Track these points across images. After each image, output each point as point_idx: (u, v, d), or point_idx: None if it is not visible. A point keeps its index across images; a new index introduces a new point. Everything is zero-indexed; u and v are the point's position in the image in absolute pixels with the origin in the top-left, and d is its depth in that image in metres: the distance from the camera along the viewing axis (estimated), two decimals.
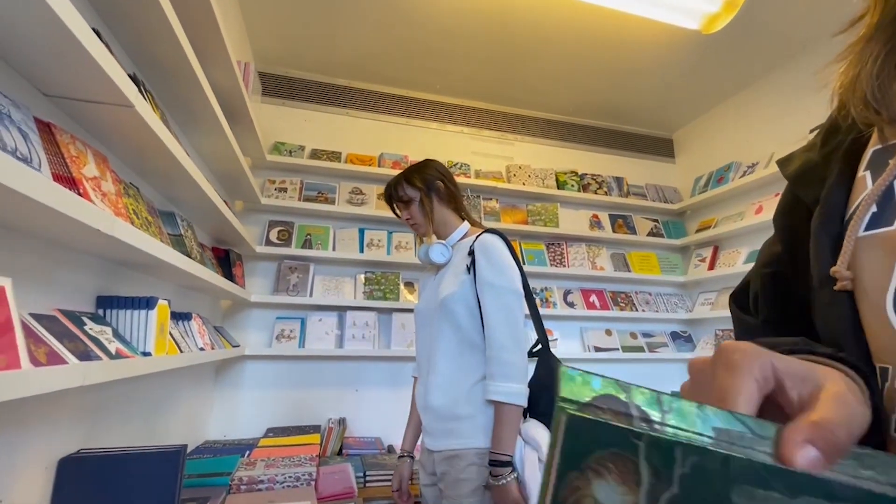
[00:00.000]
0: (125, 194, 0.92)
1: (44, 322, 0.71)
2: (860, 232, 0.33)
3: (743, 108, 2.56)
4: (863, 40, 0.35)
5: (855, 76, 0.35)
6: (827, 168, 0.39)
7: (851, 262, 0.33)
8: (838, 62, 0.37)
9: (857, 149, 0.38)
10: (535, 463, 0.96)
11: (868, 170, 0.35)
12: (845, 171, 0.37)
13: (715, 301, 2.52)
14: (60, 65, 0.68)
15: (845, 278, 0.33)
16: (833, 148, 0.39)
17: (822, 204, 0.37)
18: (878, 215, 0.32)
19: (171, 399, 1.48)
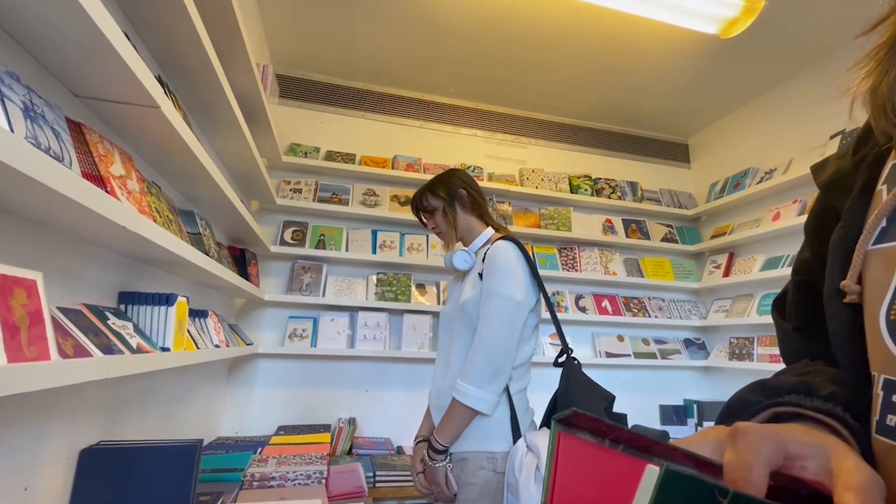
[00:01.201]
0: (148, 193, 0.94)
1: (70, 316, 0.73)
2: (869, 246, 0.34)
3: (761, 113, 2.53)
4: (885, 45, 0.34)
5: (876, 85, 0.34)
6: (856, 177, 0.39)
7: (861, 276, 0.34)
8: (859, 67, 0.36)
9: (882, 160, 0.37)
10: (531, 469, 0.96)
11: (885, 183, 0.35)
12: (868, 183, 0.37)
13: (730, 308, 2.49)
14: (91, 66, 0.70)
15: (853, 292, 0.34)
16: (863, 156, 0.39)
17: (844, 216, 0.38)
18: (886, 230, 0.33)
19: (186, 395, 1.50)
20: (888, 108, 0.33)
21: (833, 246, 0.37)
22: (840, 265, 0.36)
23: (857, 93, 0.37)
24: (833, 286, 0.36)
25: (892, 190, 0.33)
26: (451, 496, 1.09)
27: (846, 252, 0.35)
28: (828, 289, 0.37)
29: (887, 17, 0.35)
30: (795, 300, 0.48)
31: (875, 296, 0.32)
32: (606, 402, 1.15)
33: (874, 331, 0.32)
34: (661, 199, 2.84)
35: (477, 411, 1.06)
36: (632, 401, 2.52)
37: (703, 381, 2.68)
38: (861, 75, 0.36)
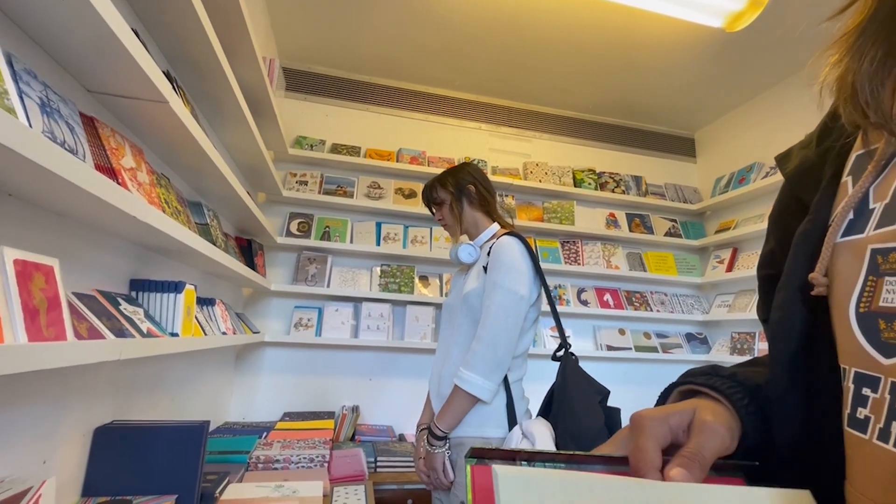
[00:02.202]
0: (158, 184, 0.98)
1: (84, 300, 0.77)
2: (837, 239, 0.34)
3: (767, 107, 2.51)
4: (855, 32, 0.33)
5: (846, 73, 0.33)
6: (823, 168, 0.39)
7: (828, 268, 0.34)
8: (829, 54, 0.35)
9: (848, 151, 0.37)
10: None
11: (850, 175, 0.35)
12: (836, 175, 0.37)
13: (732, 303, 2.49)
14: (103, 63, 0.74)
15: (821, 284, 0.34)
16: (829, 146, 0.39)
17: (812, 209, 0.38)
18: (854, 222, 0.33)
19: (194, 380, 1.56)
20: (860, 97, 0.32)
21: (798, 238, 0.37)
22: (805, 258, 0.36)
23: (827, 81, 0.36)
24: (791, 277, 0.37)
25: (858, 182, 0.33)
26: (447, 484, 1.12)
27: (812, 245, 0.36)
28: (783, 280, 0.38)
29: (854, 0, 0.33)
30: (763, 294, 0.48)
31: (844, 289, 0.32)
32: (601, 395, 1.18)
33: (844, 324, 0.32)
34: (665, 194, 2.83)
35: (478, 399, 1.09)
36: (632, 394, 2.53)
37: None
38: (830, 63, 0.35)
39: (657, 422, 0.34)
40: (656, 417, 0.34)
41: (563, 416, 1.07)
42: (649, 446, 0.32)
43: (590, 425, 1.02)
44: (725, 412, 0.36)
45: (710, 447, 0.32)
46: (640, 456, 0.32)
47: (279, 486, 1.15)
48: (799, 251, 0.37)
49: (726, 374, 0.40)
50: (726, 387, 0.37)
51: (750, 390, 0.37)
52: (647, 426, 0.33)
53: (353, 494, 1.29)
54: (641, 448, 0.33)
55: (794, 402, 0.35)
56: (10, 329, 0.53)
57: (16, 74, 0.58)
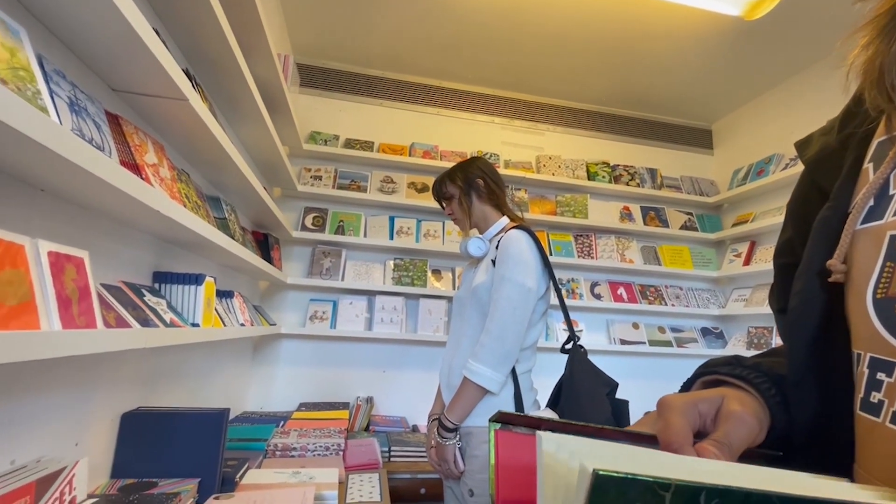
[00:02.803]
0: (178, 180, 1.01)
1: (112, 291, 0.80)
2: (857, 225, 0.34)
3: (787, 97, 2.45)
4: (887, 14, 0.32)
5: (874, 56, 0.33)
6: (844, 154, 0.38)
7: (847, 255, 0.34)
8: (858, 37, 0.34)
9: (870, 137, 0.37)
10: None
11: (871, 161, 0.35)
12: (857, 161, 0.37)
13: (749, 297, 2.45)
14: (127, 62, 0.76)
15: (839, 271, 0.34)
16: (851, 132, 0.38)
17: (833, 196, 0.37)
18: (874, 209, 0.33)
19: (214, 370, 1.61)
20: (886, 80, 0.32)
21: (818, 225, 0.37)
22: (825, 244, 0.36)
23: (855, 64, 0.35)
24: (810, 264, 0.37)
25: (879, 169, 0.33)
26: (457, 474, 1.15)
27: (832, 232, 0.35)
28: (802, 266, 0.38)
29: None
30: (779, 283, 0.48)
31: (862, 275, 0.32)
32: (609, 388, 1.18)
33: (860, 310, 0.32)
34: (681, 187, 2.79)
35: (486, 390, 1.11)
36: (646, 388, 2.53)
37: None
38: (860, 45, 0.34)
39: (687, 405, 0.34)
40: (686, 401, 0.34)
41: (569, 408, 1.08)
42: (681, 422, 0.32)
43: (595, 417, 1.03)
44: (753, 402, 0.36)
45: (739, 435, 0.32)
46: (671, 430, 0.32)
47: (296, 473, 1.18)
48: (818, 238, 0.37)
49: (750, 364, 0.40)
50: (753, 376, 0.38)
51: (775, 380, 0.38)
52: (678, 406, 0.33)
53: (367, 482, 1.32)
54: (672, 424, 0.32)
55: (810, 387, 0.36)
56: (46, 317, 0.56)
57: (47, 75, 0.61)
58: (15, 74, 0.51)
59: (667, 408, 0.34)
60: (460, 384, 1.14)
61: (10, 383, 0.67)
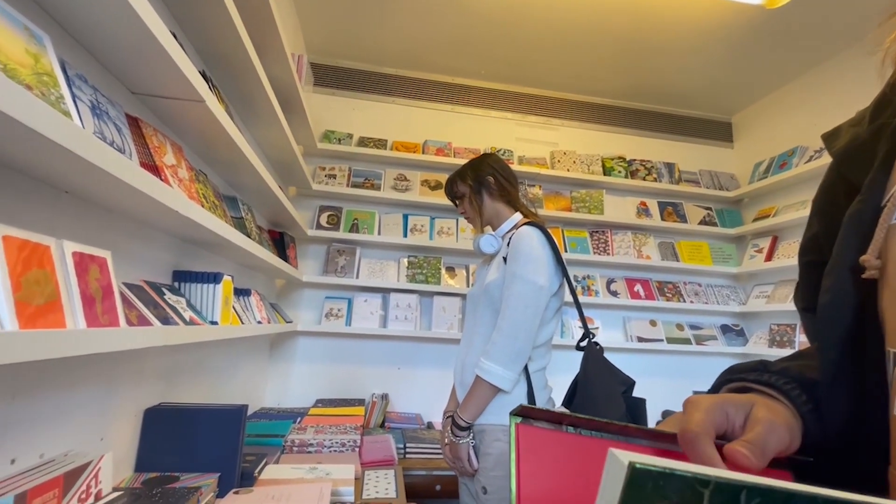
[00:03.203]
0: (196, 180, 1.03)
1: (134, 290, 0.82)
2: (892, 220, 0.32)
3: (812, 88, 2.37)
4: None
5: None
6: (875, 146, 0.37)
7: (882, 250, 0.33)
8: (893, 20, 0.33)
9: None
10: None
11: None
12: (890, 154, 0.35)
13: (771, 294, 2.39)
14: (145, 66, 0.78)
15: (874, 267, 0.33)
16: (884, 122, 0.37)
17: (864, 190, 0.36)
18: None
19: (232, 367, 1.63)
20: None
21: (848, 220, 0.36)
22: (857, 240, 0.35)
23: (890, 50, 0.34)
24: (841, 260, 0.35)
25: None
26: (472, 472, 1.14)
27: (864, 226, 0.34)
28: (833, 262, 0.36)
29: None
30: (805, 281, 0.46)
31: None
32: (625, 385, 1.16)
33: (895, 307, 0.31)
34: (700, 181, 2.73)
35: (499, 388, 1.10)
36: (664, 386, 2.49)
37: None
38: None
39: (715, 404, 0.32)
40: (714, 401, 0.33)
41: (584, 406, 1.07)
42: (703, 416, 0.31)
43: (610, 415, 1.01)
44: (784, 410, 0.35)
45: (771, 442, 0.31)
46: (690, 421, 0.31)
47: (313, 469, 1.20)
48: (850, 233, 0.36)
49: (778, 370, 0.38)
50: (782, 383, 0.36)
51: (806, 385, 0.36)
52: (703, 403, 0.32)
53: (383, 478, 1.33)
54: (693, 416, 0.31)
55: (843, 388, 0.34)
56: (71, 316, 0.58)
57: (69, 80, 0.62)
58: (39, 80, 0.53)
59: (691, 404, 0.33)
60: (473, 382, 1.14)
61: (38, 380, 0.69)
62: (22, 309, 0.50)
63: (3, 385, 0.62)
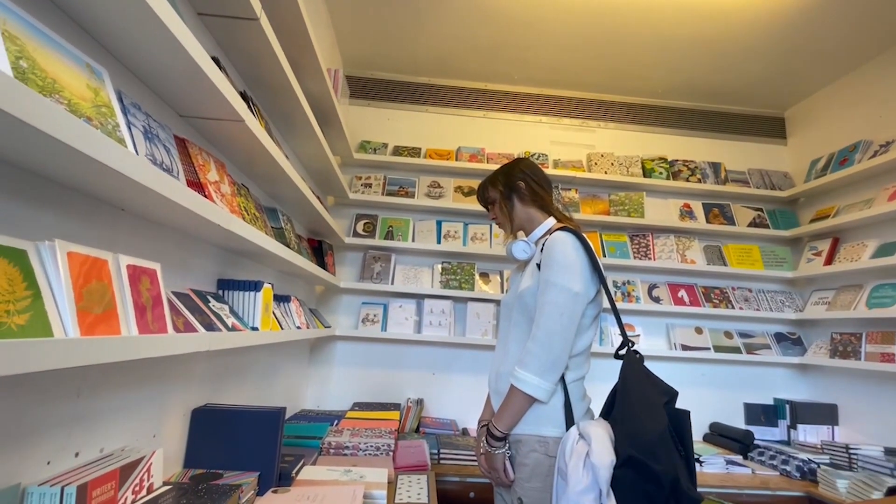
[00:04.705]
0: (238, 194, 1.10)
1: (181, 298, 0.89)
2: None
3: (875, 78, 2.19)
4: None
5: None
6: None
7: None
8: None
9: None
10: (581, 456, 0.97)
11: None
12: None
13: (832, 300, 2.22)
14: (191, 91, 0.84)
15: None
16: None
17: None
18: None
19: (274, 371, 1.71)
20: None
21: None
22: None
23: None
24: None
25: None
26: (508, 483, 1.13)
27: None
28: None
29: None
30: None
31: None
32: (668, 396, 1.11)
33: None
34: (749, 181, 2.59)
35: (534, 398, 1.09)
36: (712, 397, 2.37)
37: (799, 380, 2.43)
38: None
39: None
40: None
41: (622, 418, 1.03)
42: None
43: (651, 427, 0.97)
44: None
45: None
46: None
47: (348, 471, 1.23)
48: None
49: None
50: None
51: None
52: None
53: (416, 483, 1.35)
54: None
55: None
56: (125, 324, 0.63)
57: (125, 108, 0.69)
58: (98, 112, 0.59)
59: None
60: (507, 392, 1.12)
61: (99, 381, 0.76)
62: (83, 318, 0.56)
63: (69, 385, 0.69)
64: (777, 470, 1.88)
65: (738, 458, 2.00)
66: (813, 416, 2.21)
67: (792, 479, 1.81)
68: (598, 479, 0.93)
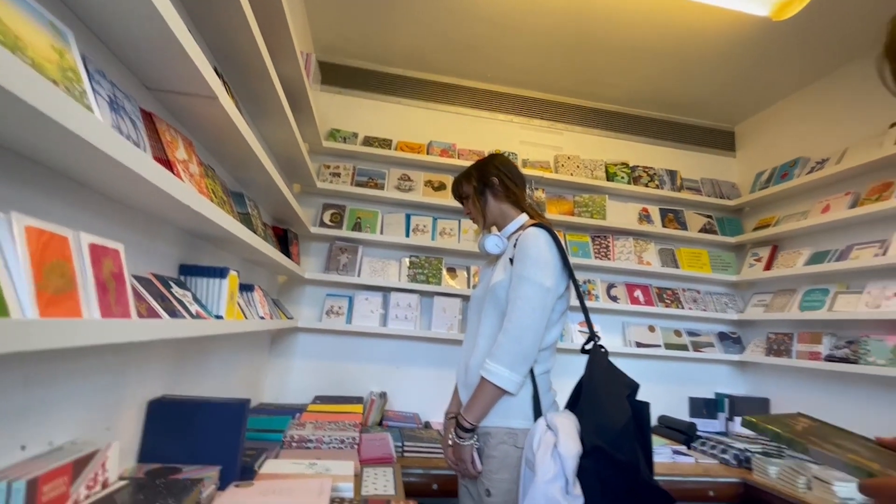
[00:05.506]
0: (206, 175, 1.04)
1: (143, 283, 0.83)
2: None
3: (815, 99, 2.39)
4: None
5: None
6: None
7: None
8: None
9: None
10: (549, 446, 1.00)
11: None
12: None
13: (770, 303, 2.41)
14: (161, 61, 0.79)
15: None
16: None
17: None
18: None
19: (233, 362, 1.64)
20: None
21: None
22: None
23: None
24: None
25: None
26: (475, 474, 1.15)
27: None
28: None
29: None
30: None
31: None
32: (630, 389, 1.16)
33: None
34: (701, 189, 2.75)
35: (504, 390, 1.11)
36: (661, 392, 2.51)
37: (737, 376, 2.62)
38: None
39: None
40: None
41: (588, 409, 1.08)
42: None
43: (616, 418, 1.02)
44: None
45: None
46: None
47: (313, 464, 1.21)
48: None
49: None
50: None
51: None
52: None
53: (381, 475, 1.35)
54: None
55: None
56: (87, 306, 0.59)
57: (90, 75, 0.64)
58: (64, 75, 0.54)
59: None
60: (478, 384, 1.14)
61: (48, 368, 0.70)
62: (41, 297, 0.51)
63: (16, 372, 0.63)
64: (717, 458, 2.03)
65: (683, 448, 2.13)
66: (748, 408, 2.39)
67: (729, 467, 1.96)
68: (564, 469, 0.97)
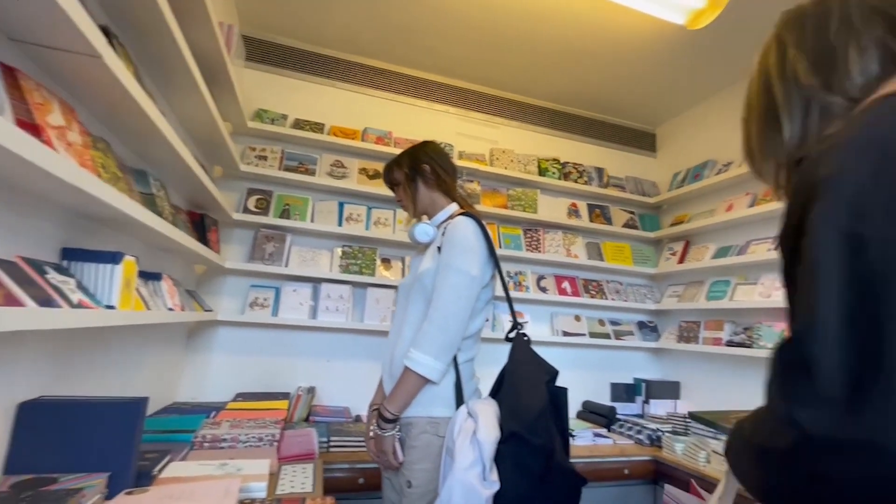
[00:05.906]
0: (93, 147, 0.92)
1: (3, 266, 0.72)
2: None
3: (725, 106, 2.61)
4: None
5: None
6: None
7: None
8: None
9: None
10: (469, 433, 1.01)
11: None
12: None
13: (682, 294, 2.61)
14: (26, 7, 0.68)
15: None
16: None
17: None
18: None
19: (139, 357, 1.49)
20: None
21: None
22: None
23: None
24: None
25: None
26: (396, 465, 1.13)
27: None
28: None
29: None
30: None
31: None
32: (549, 375, 1.20)
33: None
34: (625, 186, 2.92)
35: (427, 379, 1.10)
36: (585, 378, 2.64)
37: (653, 362, 2.83)
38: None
39: None
40: None
41: (508, 396, 1.09)
42: None
43: (532, 403, 1.05)
44: None
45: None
46: None
47: (223, 465, 1.13)
48: None
49: None
50: None
51: None
52: None
53: (300, 473, 1.29)
54: None
55: None
56: None
57: None
58: None
59: None
60: (401, 374, 1.12)
61: None
62: None
63: None
64: (633, 439, 2.17)
65: (604, 430, 2.26)
66: (662, 392, 2.59)
67: (643, 446, 2.11)
68: (483, 455, 0.98)
